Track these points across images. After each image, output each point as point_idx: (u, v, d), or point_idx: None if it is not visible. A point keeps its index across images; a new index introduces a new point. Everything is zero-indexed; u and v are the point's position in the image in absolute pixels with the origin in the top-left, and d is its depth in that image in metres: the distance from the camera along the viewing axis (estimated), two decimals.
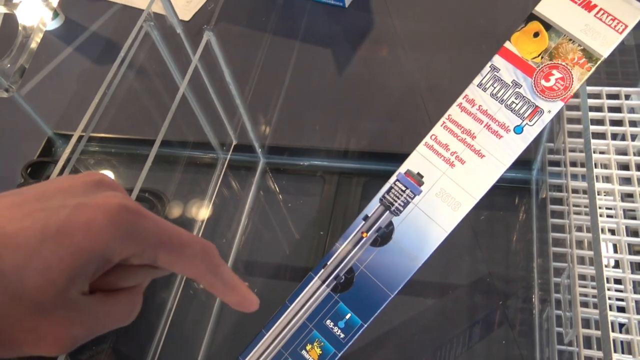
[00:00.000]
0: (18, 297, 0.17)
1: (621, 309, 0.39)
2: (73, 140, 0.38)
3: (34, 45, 0.42)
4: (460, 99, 0.34)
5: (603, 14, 0.31)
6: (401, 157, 0.34)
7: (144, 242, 0.20)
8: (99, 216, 0.19)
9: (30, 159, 0.64)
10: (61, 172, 0.40)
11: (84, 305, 0.19)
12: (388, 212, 0.34)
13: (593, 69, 0.31)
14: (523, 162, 0.56)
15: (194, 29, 0.75)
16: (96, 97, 0.39)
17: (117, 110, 0.65)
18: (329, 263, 0.34)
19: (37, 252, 0.17)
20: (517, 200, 0.56)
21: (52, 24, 0.82)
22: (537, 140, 0.50)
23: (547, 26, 0.32)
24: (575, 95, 0.32)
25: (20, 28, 0.43)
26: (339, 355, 0.33)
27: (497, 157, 0.32)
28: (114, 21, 0.81)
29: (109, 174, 0.65)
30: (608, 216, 0.44)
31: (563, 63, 0.32)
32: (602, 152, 0.43)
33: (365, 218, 0.34)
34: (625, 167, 0.42)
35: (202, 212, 0.61)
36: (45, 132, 0.68)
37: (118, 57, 0.41)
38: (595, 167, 0.43)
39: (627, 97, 0.44)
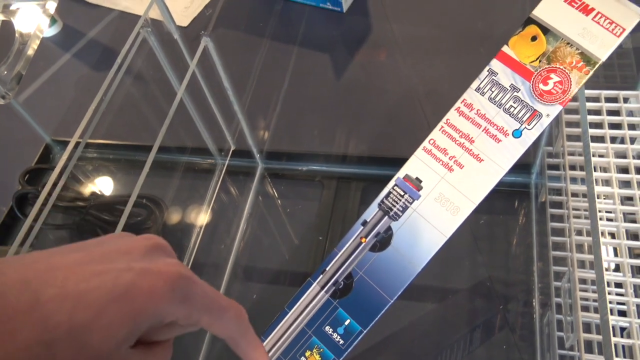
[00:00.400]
0: (83, 349, 0.19)
1: (622, 313, 0.39)
2: (70, 146, 0.38)
3: (30, 52, 0.42)
4: (458, 103, 0.33)
5: (601, 17, 0.31)
6: (400, 162, 0.34)
7: (193, 307, 0.22)
8: (160, 283, 0.21)
9: (28, 166, 0.64)
10: (58, 179, 0.40)
11: (130, 357, 0.21)
12: (387, 217, 0.34)
13: (591, 72, 0.31)
14: (522, 166, 0.56)
15: (192, 35, 0.75)
16: (93, 103, 0.39)
17: (114, 117, 0.65)
18: (327, 269, 0.34)
19: (104, 310, 0.19)
20: (517, 204, 0.56)
21: (50, 31, 0.82)
22: (536, 144, 0.50)
23: (545, 30, 0.32)
24: (574, 99, 0.32)
25: (17, 35, 0.43)
26: None
27: (496, 161, 0.32)
28: (112, 27, 0.81)
29: (108, 180, 0.65)
30: (608, 219, 0.44)
31: (561, 67, 0.32)
32: (601, 156, 0.43)
33: (364, 223, 0.34)
34: (624, 170, 0.42)
35: (201, 217, 0.60)
36: (43, 139, 0.68)
37: (115, 63, 0.41)
38: (595, 171, 0.43)
39: (626, 100, 0.44)
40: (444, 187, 0.33)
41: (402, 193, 0.33)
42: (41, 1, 0.46)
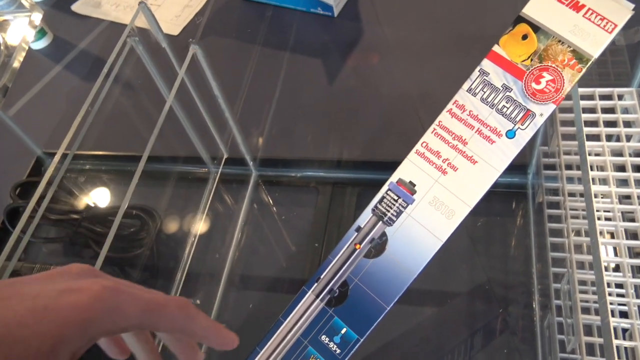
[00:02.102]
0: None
1: (623, 314, 0.39)
2: (56, 158, 0.38)
3: (16, 64, 0.42)
4: (450, 105, 0.33)
5: (592, 14, 0.31)
6: (395, 166, 0.33)
7: (125, 314, 0.22)
8: (84, 297, 0.21)
9: (19, 179, 0.63)
10: (46, 191, 0.39)
11: None
12: (381, 222, 0.33)
13: (584, 70, 0.31)
14: (518, 167, 0.55)
15: (183, 43, 0.74)
16: (79, 114, 0.39)
17: (103, 127, 0.64)
18: (322, 276, 0.33)
19: (23, 324, 0.19)
20: (514, 205, 0.56)
21: (40, 43, 0.81)
22: (531, 144, 0.50)
23: (536, 28, 0.32)
24: (568, 97, 0.31)
25: (2, 47, 0.42)
26: None
27: (490, 162, 0.32)
28: (103, 38, 0.81)
29: (101, 192, 0.64)
30: (606, 219, 0.43)
31: (553, 65, 0.31)
32: (597, 154, 0.43)
33: (358, 229, 0.33)
34: (621, 168, 0.41)
35: (195, 227, 0.60)
36: (34, 152, 0.67)
37: (102, 72, 0.40)
38: (591, 170, 0.42)
39: (620, 97, 0.44)
40: (438, 191, 0.32)
41: (395, 197, 0.33)
42: (27, 13, 0.46)
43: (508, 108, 0.32)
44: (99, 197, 0.64)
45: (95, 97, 0.39)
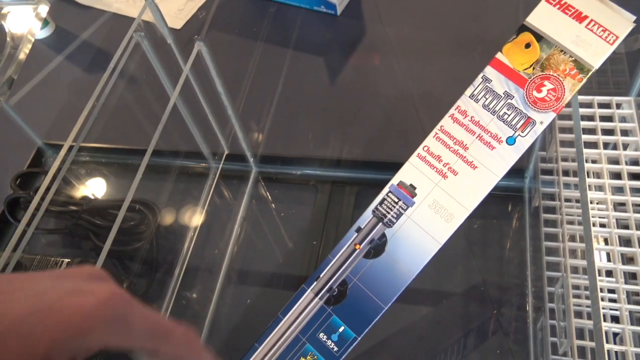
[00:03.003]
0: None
1: (615, 319, 0.39)
2: (63, 151, 0.38)
3: (22, 55, 0.42)
4: (452, 110, 0.33)
5: (594, 25, 0.31)
6: (394, 166, 0.34)
7: (131, 330, 0.21)
8: (92, 300, 0.20)
9: (19, 170, 0.63)
10: (51, 183, 0.40)
11: None
12: (381, 224, 0.34)
13: (584, 80, 0.31)
14: (516, 171, 0.56)
15: (186, 38, 0.75)
16: (86, 107, 0.39)
17: (108, 120, 0.64)
18: (321, 275, 0.34)
19: (23, 321, 0.18)
20: (510, 209, 0.56)
21: (42, 33, 0.81)
22: (529, 149, 0.50)
23: (539, 37, 0.32)
24: (567, 104, 0.32)
25: (8, 39, 0.43)
26: None
27: (490, 168, 0.32)
28: (105, 30, 0.81)
29: (101, 184, 0.65)
30: (601, 225, 0.44)
31: (554, 74, 0.32)
32: (594, 161, 0.43)
33: (358, 230, 0.34)
34: (617, 175, 0.42)
35: (194, 222, 0.60)
36: (35, 143, 0.67)
37: (108, 67, 0.41)
38: (588, 176, 0.43)
39: (619, 106, 0.44)
40: (438, 194, 0.33)
41: (396, 200, 0.33)
42: (33, 4, 0.46)
43: (509, 115, 0.32)
44: (99, 189, 0.64)
45: (101, 91, 0.39)
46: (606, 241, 0.41)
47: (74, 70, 0.77)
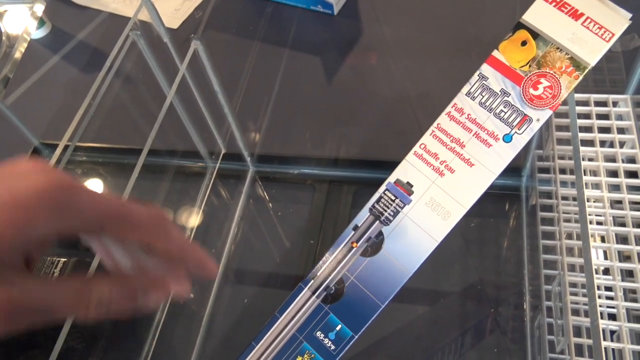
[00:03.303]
0: None
1: (612, 316, 0.39)
2: (58, 150, 0.38)
3: (18, 55, 0.42)
4: (449, 108, 0.33)
5: (590, 22, 0.32)
6: (391, 165, 0.34)
7: (81, 215, 0.21)
8: (29, 193, 0.19)
9: None
10: None
11: (17, 280, 0.20)
12: (378, 221, 0.33)
13: (581, 77, 0.31)
14: (513, 169, 0.56)
15: (182, 37, 0.75)
16: (82, 106, 0.39)
17: (104, 120, 0.64)
18: (318, 274, 0.34)
19: None
20: (507, 207, 0.56)
21: (39, 32, 0.81)
22: (526, 147, 0.50)
23: (535, 35, 0.32)
24: (564, 102, 0.32)
25: (4, 38, 0.42)
26: None
27: (487, 165, 0.32)
28: (102, 29, 0.81)
29: (97, 184, 0.64)
30: (597, 223, 0.44)
31: (551, 71, 0.32)
32: (590, 159, 0.43)
33: (355, 228, 0.34)
34: (614, 173, 0.42)
35: (192, 221, 0.60)
36: (31, 142, 0.67)
37: (104, 66, 0.41)
38: (584, 174, 0.43)
39: (615, 104, 0.45)
40: (435, 192, 0.33)
41: (393, 198, 0.33)
42: (29, 3, 0.46)
43: (506, 112, 0.32)
44: (95, 189, 0.64)
45: (97, 91, 0.39)
46: (603, 239, 0.41)
47: (71, 70, 0.77)
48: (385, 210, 0.33)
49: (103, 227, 0.22)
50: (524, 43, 0.32)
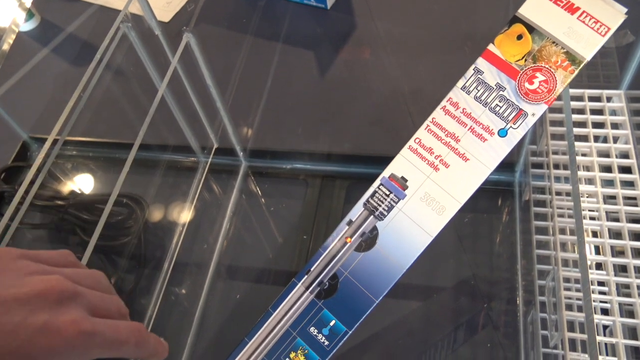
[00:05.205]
0: None
1: (604, 311, 0.40)
2: (47, 144, 0.37)
3: (6, 47, 0.41)
4: (444, 102, 0.33)
5: (586, 16, 0.31)
6: (385, 160, 0.33)
7: (91, 354, 0.24)
8: (60, 343, 0.22)
9: (4, 164, 0.62)
10: (36, 177, 0.39)
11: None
12: (372, 216, 0.33)
13: (576, 71, 0.31)
14: (506, 165, 0.56)
15: (174, 31, 0.74)
16: (71, 99, 0.38)
17: (94, 113, 0.63)
18: (312, 269, 0.34)
19: None
20: (500, 203, 0.56)
21: (27, 25, 0.80)
22: (520, 143, 0.50)
23: (531, 29, 0.32)
24: (558, 98, 0.32)
25: None
26: None
27: (482, 160, 0.32)
28: (92, 22, 0.80)
29: (88, 178, 0.64)
30: (591, 218, 0.44)
31: (546, 66, 0.31)
32: (584, 154, 0.43)
33: (349, 223, 0.34)
34: (607, 169, 0.42)
35: (183, 216, 0.59)
36: (20, 136, 0.66)
37: (94, 59, 0.40)
38: (578, 170, 0.43)
39: (609, 99, 0.45)
40: (429, 187, 0.33)
41: (387, 192, 0.33)
42: None
43: (501, 107, 0.32)
44: (85, 184, 0.63)
45: (86, 84, 0.39)
46: (595, 234, 0.41)
47: (60, 63, 0.76)
48: (380, 205, 0.33)
49: (102, 355, 0.25)
50: (519, 37, 0.32)
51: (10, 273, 0.23)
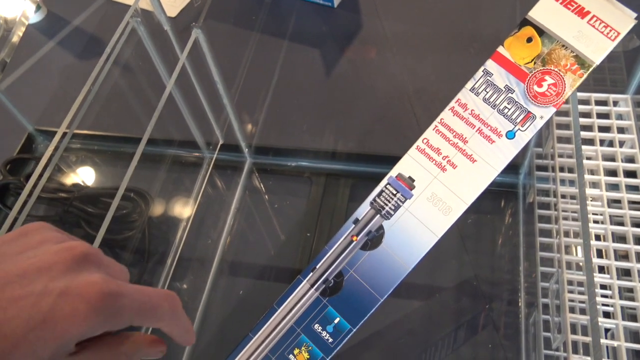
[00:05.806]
0: None
1: (606, 314, 0.40)
2: (57, 137, 0.37)
3: (15, 39, 0.41)
4: (452, 103, 0.33)
5: (596, 20, 0.31)
6: (389, 160, 0.33)
7: (122, 319, 0.22)
8: (82, 306, 0.21)
9: (10, 156, 0.62)
10: (44, 170, 0.39)
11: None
12: (379, 215, 0.33)
13: (585, 75, 0.31)
14: (510, 167, 0.55)
15: (181, 26, 0.74)
16: (81, 93, 0.38)
17: (102, 108, 0.63)
18: (318, 266, 0.34)
19: (24, 339, 0.19)
20: (504, 204, 0.56)
21: (34, 17, 0.80)
22: (525, 145, 0.51)
23: (540, 32, 0.32)
24: (565, 101, 0.32)
25: (1, 21, 0.42)
26: (327, 359, 0.33)
27: (489, 162, 0.32)
28: (98, 15, 0.80)
29: (93, 172, 0.64)
30: (595, 222, 0.44)
31: (556, 69, 0.32)
32: (589, 158, 0.43)
33: (356, 221, 0.34)
34: (613, 173, 0.42)
35: (187, 211, 0.60)
36: (25, 128, 0.66)
37: (104, 53, 0.40)
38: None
39: (615, 103, 0.45)
40: (436, 187, 0.33)
41: (394, 192, 0.33)
42: None
43: (509, 109, 0.32)
44: (90, 177, 0.63)
45: (96, 77, 0.39)
46: (598, 237, 0.41)
47: (67, 56, 0.76)
48: (387, 204, 0.33)
49: (134, 322, 0.23)
50: (529, 40, 0.32)
51: (33, 245, 0.22)
